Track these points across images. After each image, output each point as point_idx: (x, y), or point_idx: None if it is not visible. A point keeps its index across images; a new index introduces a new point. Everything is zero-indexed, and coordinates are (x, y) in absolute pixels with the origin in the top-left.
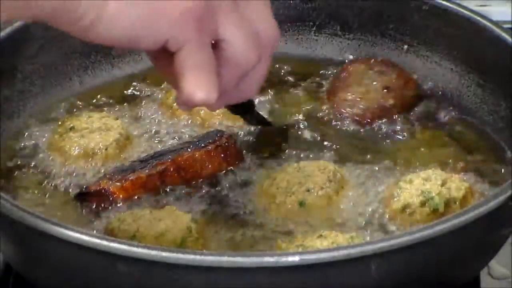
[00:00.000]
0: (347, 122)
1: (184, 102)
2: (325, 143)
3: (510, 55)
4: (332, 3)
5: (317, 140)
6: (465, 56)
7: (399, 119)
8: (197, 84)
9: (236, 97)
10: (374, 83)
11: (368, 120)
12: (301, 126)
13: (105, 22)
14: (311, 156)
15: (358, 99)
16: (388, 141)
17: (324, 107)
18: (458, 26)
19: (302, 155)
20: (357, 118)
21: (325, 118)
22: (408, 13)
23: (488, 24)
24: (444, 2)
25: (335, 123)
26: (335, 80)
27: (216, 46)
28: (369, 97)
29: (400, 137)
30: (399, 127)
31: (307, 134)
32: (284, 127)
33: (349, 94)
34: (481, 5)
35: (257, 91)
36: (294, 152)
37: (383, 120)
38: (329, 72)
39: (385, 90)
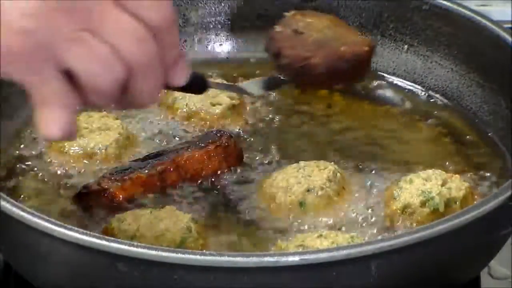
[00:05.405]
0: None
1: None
2: (325, 142)
3: (510, 55)
4: (332, 3)
5: (317, 139)
6: (465, 56)
7: (399, 118)
8: (46, 122)
9: (136, 103)
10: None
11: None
12: (300, 125)
13: None
14: (311, 156)
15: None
16: (388, 140)
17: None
18: (458, 26)
19: (302, 155)
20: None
21: (325, 118)
22: (408, 13)
23: (488, 24)
24: (444, 2)
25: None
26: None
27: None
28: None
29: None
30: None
31: (306, 133)
32: (283, 126)
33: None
34: (481, 5)
35: (159, 90)
36: (294, 152)
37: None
38: None
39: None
